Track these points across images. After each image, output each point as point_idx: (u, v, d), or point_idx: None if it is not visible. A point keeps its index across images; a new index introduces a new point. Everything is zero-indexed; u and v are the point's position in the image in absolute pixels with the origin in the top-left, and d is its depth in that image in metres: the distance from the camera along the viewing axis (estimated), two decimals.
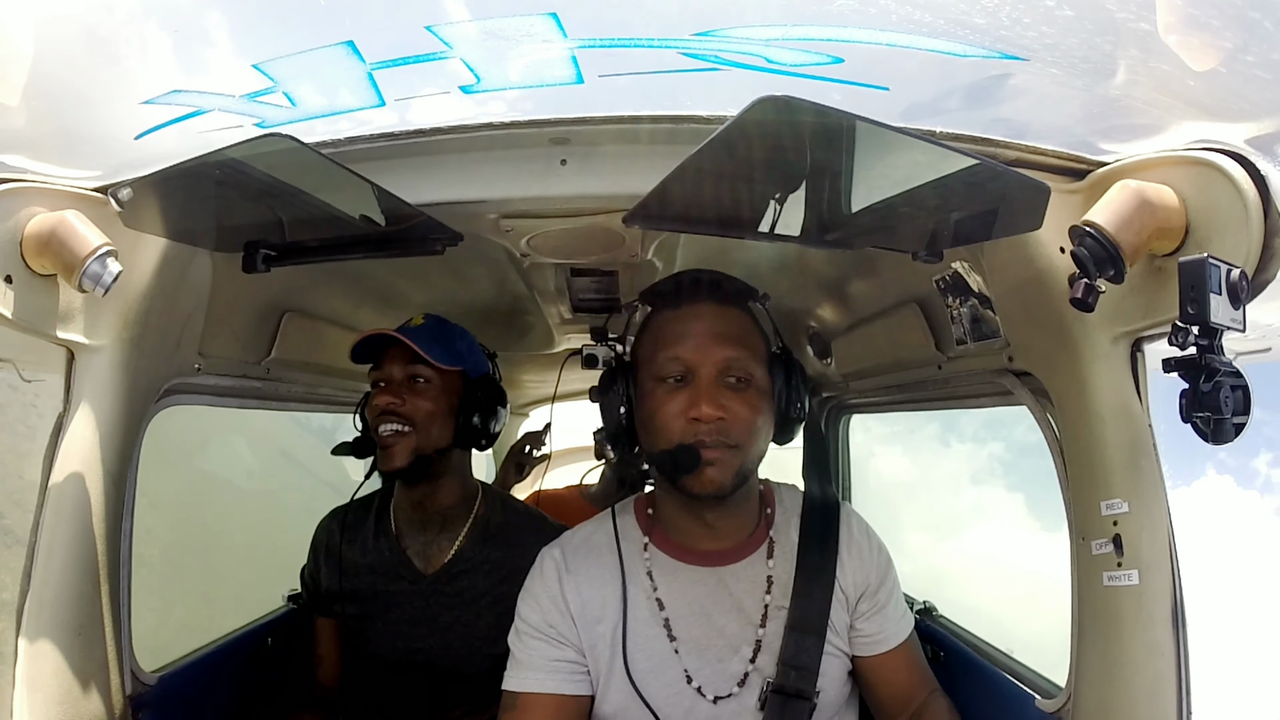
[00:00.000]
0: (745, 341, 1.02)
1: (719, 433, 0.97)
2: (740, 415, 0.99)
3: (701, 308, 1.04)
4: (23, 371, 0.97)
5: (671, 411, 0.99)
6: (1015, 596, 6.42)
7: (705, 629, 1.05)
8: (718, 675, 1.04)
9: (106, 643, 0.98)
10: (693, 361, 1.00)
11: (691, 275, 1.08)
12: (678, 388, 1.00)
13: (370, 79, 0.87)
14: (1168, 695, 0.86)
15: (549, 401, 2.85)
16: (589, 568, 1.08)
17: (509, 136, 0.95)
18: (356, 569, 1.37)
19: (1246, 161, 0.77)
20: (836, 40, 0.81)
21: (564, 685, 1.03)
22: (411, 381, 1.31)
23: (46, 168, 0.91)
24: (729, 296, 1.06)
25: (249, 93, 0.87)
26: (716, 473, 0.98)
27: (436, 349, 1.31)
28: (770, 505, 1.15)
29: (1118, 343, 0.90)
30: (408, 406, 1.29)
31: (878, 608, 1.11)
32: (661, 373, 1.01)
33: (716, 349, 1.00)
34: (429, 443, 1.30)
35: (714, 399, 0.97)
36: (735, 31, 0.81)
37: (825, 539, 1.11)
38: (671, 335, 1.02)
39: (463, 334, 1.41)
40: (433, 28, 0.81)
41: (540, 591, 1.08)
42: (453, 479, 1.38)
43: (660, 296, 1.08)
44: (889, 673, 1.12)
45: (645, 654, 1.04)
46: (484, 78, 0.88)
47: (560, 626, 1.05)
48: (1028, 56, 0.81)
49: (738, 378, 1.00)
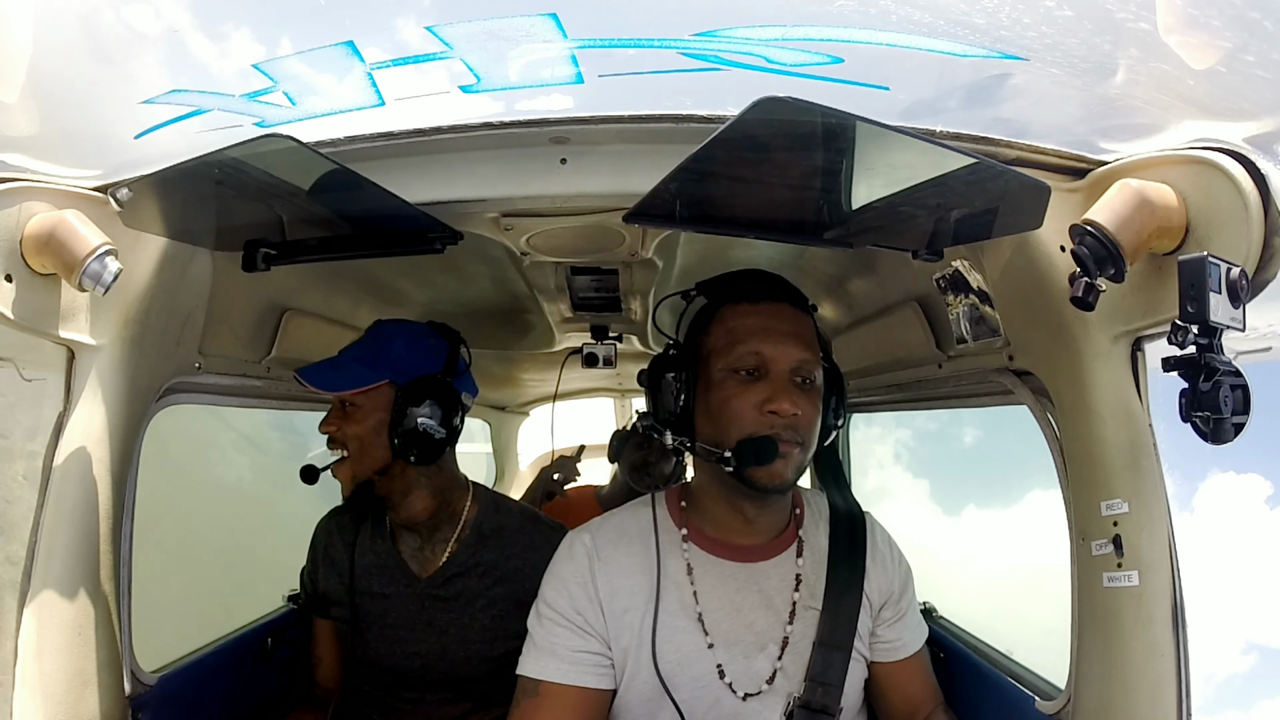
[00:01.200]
0: (813, 346, 1.05)
1: (791, 428, 1.00)
2: (808, 415, 1.02)
3: (780, 307, 1.05)
4: (23, 371, 0.97)
5: (749, 402, 1.00)
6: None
7: (735, 624, 1.05)
8: (745, 672, 1.04)
9: (106, 643, 0.98)
10: (771, 357, 1.01)
11: (763, 274, 1.11)
12: (751, 380, 1.01)
13: (370, 79, 0.87)
14: (1168, 696, 0.86)
15: (550, 400, 2.86)
16: (621, 557, 1.08)
17: (509, 136, 0.95)
18: (354, 571, 1.37)
19: (1247, 160, 0.77)
20: (836, 40, 0.81)
21: (587, 677, 1.03)
22: (344, 406, 1.28)
23: (47, 167, 0.91)
24: (799, 300, 1.09)
25: (249, 92, 0.87)
26: (783, 466, 1.00)
27: (343, 372, 1.27)
28: (799, 506, 1.17)
29: (1118, 342, 0.90)
30: (341, 433, 1.27)
31: (899, 615, 1.14)
32: (738, 364, 1.02)
33: (794, 348, 1.02)
34: (365, 467, 1.27)
35: (790, 396, 0.99)
36: (735, 31, 0.81)
37: (853, 553, 1.13)
38: (751, 329, 1.03)
39: (402, 331, 1.33)
40: (433, 28, 0.81)
41: (569, 576, 1.07)
42: (419, 491, 1.32)
43: (730, 290, 1.08)
44: (903, 679, 1.14)
45: (673, 646, 1.03)
46: (484, 78, 0.88)
47: (588, 614, 1.04)
48: (1028, 56, 0.81)
49: (806, 379, 1.03)
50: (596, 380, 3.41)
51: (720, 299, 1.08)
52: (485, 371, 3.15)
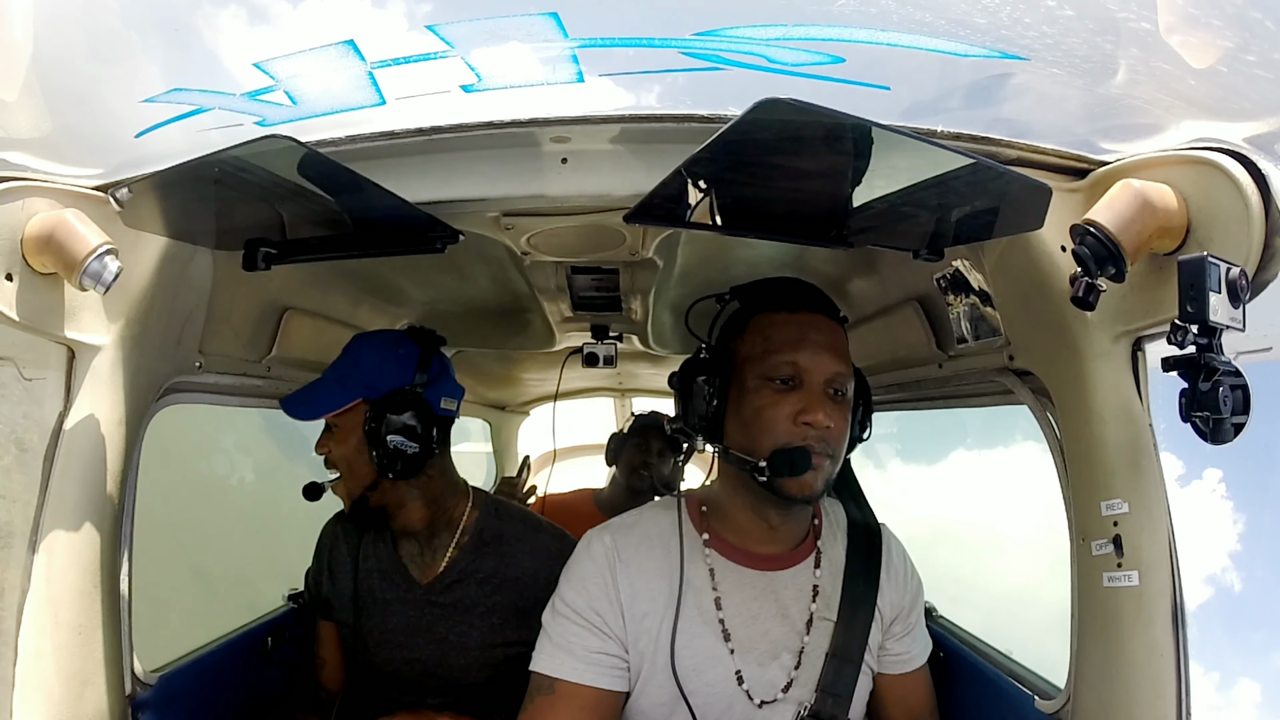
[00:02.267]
0: (846, 358, 1.05)
1: (823, 440, 0.99)
2: (840, 427, 1.01)
3: (817, 318, 1.05)
4: (23, 370, 0.96)
5: (783, 412, 0.99)
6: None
7: (752, 631, 1.05)
8: (761, 679, 1.04)
9: (106, 643, 0.98)
10: (807, 368, 1.00)
11: (800, 283, 1.10)
12: (786, 390, 1.00)
13: (370, 78, 0.87)
14: (1168, 696, 0.86)
15: (550, 400, 2.86)
16: (643, 560, 1.06)
17: (509, 135, 0.95)
18: (357, 575, 1.37)
19: (1247, 160, 0.77)
20: (837, 40, 0.82)
21: (603, 679, 1.02)
22: (328, 429, 1.30)
23: (47, 166, 0.91)
24: (835, 312, 1.08)
25: (249, 91, 0.87)
26: (814, 478, 0.99)
27: (313, 397, 1.28)
28: (818, 516, 1.16)
29: (1118, 342, 0.90)
30: (332, 454, 1.29)
31: (908, 630, 1.14)
32: (773, 373, 1.01)
33: (830, 361, 1.01)
34: (356, 485, 1.28)
35: (825, 408, 0.99)
36: (736, 31, 0.81)
37: (869, 567, 1.13)
38: (787, 339, 1.02)
39: (369, 344, 1.31)
40: (434, 27, 0.82)
41: (590, 575, 1.05)
42: (412, 503, 1.31)
43: (767, 297, 1.08)
44: (907, 691, 1.15)
45: (691, 651, 1.03)
46: (484, 77, 0.88)
47: (607, 616, 1.03)
48: (1029, 56, 0.81)
49: (838, 391, 1.02)
50: (597, 380, 3.42)
51: (756, 305, 1.07)
52: (485, 371, 3.16)
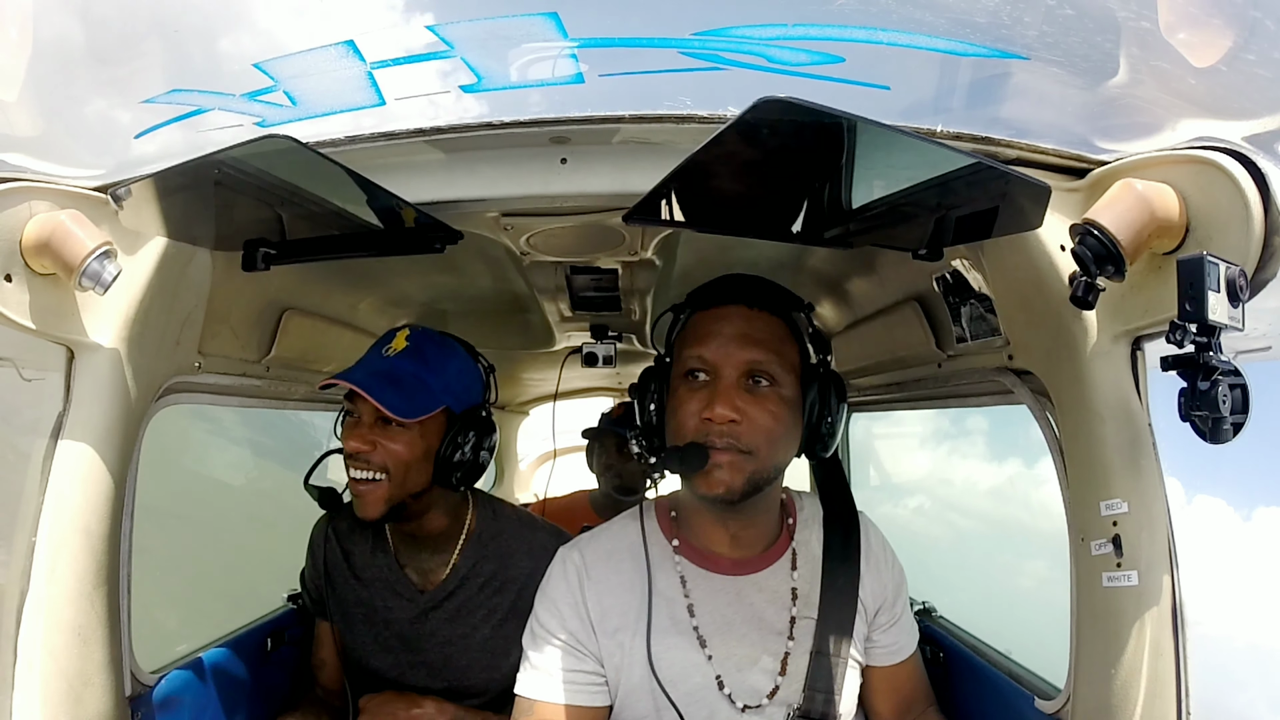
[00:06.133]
0: (774, 347, 1.00)
1: (730, 435, 0.95)
2: (757, 421, 0.96)
3: (732, 310, 1.02)
4: (23, 371, 0.97)
5: (690, 409, 0.97)
6: None
7: (727, 637, 1.04)
8: (742, 685, 1.03)
9: (106, 643, 0.98)
10: (715, 361, 0.98)
11: (731, 278, 1.07)
12: (700, 386, 0.98)
13: (370, 78, 0.87)
14: (1167, 696, 0.86)
15: (550, 399, 2.86)
16: (611, 575, 1.06)
17: (509, 136, 0.95)
18: (355, 582, 1.36)
19: (1247, 160, 0.77)
20: (837, 39, 0.82)
21: (581, 696, 1.02)
22: (384, 423, 1.18)
23: (47, 167, 0.91)
24: (763, 301, 1.03)
25: (249, 92, 0.87)
26: (725, 475, 0.95)
27: (412, 394, 1.17)
28: (792, 515, 1.14)
29: (1118, 341, 0.90)
30: (379, 454, 1.16)
31: (894, 620, 1.13)
32: (684, 369, 1.00)
33: (740, 351, 0.98)
34: (403, 490, 1.19)
35: (730, 400, 0.95)
36: (736, 31, 0.81)
37: (848, 557, 1.10)
38: (699, 334, 1.01)
39: (452, 352, 1.27)
40: (434, 27, 0.82)
41: (560, 597, 1.05)
42: (436, 511, 1.29)
43: (699, 298, 1.07)
44: (898, 682, 1.13)
45: (668, 661, 1.02)
46: (484, 77, 0.88)
47: (580, 635, 1.03)
48: (1028, 55, 0.81)
49: (759, 380, 0.98)
50: (597, 379, 3.41)
51: (693, 307, 1.07)
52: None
